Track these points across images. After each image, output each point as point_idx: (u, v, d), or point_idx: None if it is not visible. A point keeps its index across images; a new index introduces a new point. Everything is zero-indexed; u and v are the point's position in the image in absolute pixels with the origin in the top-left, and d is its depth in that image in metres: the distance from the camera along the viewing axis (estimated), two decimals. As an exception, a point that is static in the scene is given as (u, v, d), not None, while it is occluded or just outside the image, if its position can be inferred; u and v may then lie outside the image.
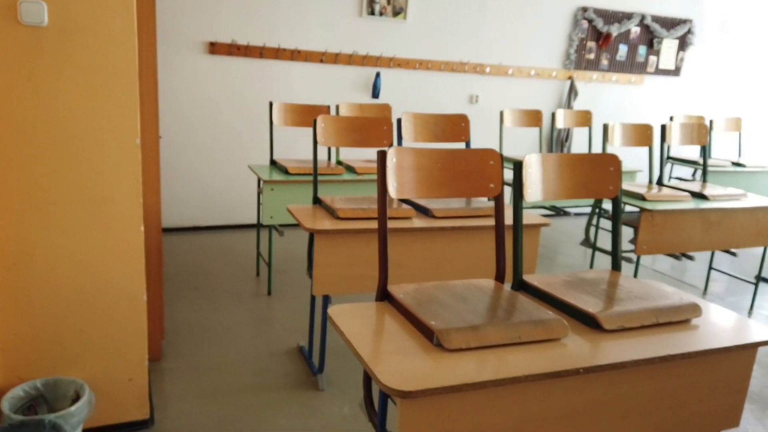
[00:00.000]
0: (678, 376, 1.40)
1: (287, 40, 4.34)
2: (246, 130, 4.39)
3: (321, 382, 2.33)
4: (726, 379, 1.47)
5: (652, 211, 2.85)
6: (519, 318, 1.35)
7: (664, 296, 1.54)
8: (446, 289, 1.51)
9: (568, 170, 1.68)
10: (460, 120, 2.81)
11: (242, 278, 3.44)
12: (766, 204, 3.09)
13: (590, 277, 1.70)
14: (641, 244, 2.88)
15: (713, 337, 1.42)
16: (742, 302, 3.52)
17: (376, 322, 1.37)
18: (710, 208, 2.97)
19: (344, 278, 2.24)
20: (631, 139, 3.31)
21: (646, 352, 1.31)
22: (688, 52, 5.61)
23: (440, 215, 2.36)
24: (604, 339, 1.37)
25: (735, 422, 1.53)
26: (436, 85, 4.88)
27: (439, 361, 1.20)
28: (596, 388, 1.30)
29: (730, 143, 4.99)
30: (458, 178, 1.60)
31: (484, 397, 1.18)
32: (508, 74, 5.04)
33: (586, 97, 5.35)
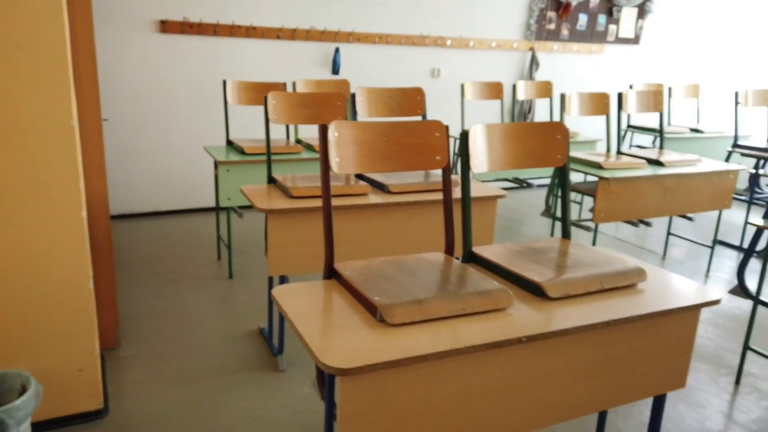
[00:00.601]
0: (623, 341, 1.41)
1: (241, 16, 4.22)
2: (201, 110, 4.28)
3: (281, 363, 2.31)
4: (671, 341, 1.49)
5: (609, 179, 2.87)
6: (465, 290, 1.34)
7: (611, 262, 1.55)
8: (395, 264, 1.49)
9: (514, 140, 1.66)
10: (416, 93, 2.78)
11: (203, 262, 3.38)
12: (720, 168, 3.14)
13: (540, 246, 1.70)
14: (599, 212, 2.91)
15: (657, 300, 1.43)
16: (699, 266, 3.60)
17: (321, 301, 1.35)
18: (666, 174, 3.01)
19: (301, 257, 2.21)
20: (589, 108, 3.32)
21: (589, 318, 1.31)
22: (647, 20, 5.64)
23: (396, 190, 2.34)
24: (550, 307, 1.37)
25: (681, 383, 1.56)
26: (397, 60, 4.82)
27: (382, 336, 1.18)
28: (541, 356, 1.31)
29: (689, 110, 5.06)
30: (404, 150, 1.57)
31: (427, 371, 1.18)
32: (469, 47, 5.01)
33: (547, 68, 5.35)
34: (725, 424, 2.06)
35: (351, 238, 2.27)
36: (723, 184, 3.19)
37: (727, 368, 2.42)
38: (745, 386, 2.30)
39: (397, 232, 2.35)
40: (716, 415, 2.11)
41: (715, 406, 2.16)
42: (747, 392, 2.26)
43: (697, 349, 2.57)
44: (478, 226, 2.45)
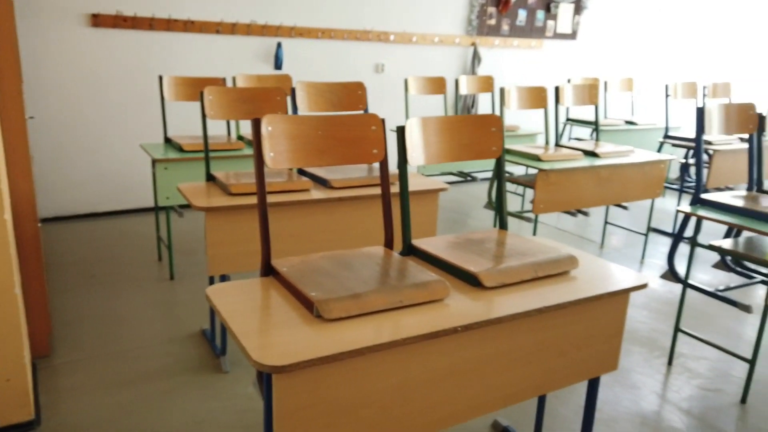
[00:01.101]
0: (557, 326, 1.45)
1: (179, 10, 4.10)
2: (137, 107, 4.14)
3: (224, 363, 2.27)
4: (602, 326, 1.54)
5: (548, 171, 2.95)
6: (402, 282, 1.35)
7: (545, 251, 1.59)
8: (333, 259, 1.48)
9: (450, 133, 1.68)
10: (357, 88, 2.77)
11: (143, 264, 3.27)
12: (652, 158, 3.28)
13: (477, 237, 1.72)
14: (538, 203, 2.98)
15: (588, 286, 1.48)
16: (635, 253, 3.75)
17: (257, 298, 1.33)
18: (601, 165, 3.12)
19: (242, 255, 2.17)
20: (527, 102, 3.40)
21: (523, 306, 1.34)
22: (583, 15, 5.81)
23: (338, 185, 2.33)
24: (486, 296, 1.39)
25: (613, 366, 1.62)
26: (341, 55, 4.80)
27: (319, 332, 1.17)
28: (477, 345, 1.33)
29: (624, 103, 5.25)
30: (340, 144, 1.56)
31: (364, 364, 1.18)
32: (412, 42, 5.03)
33: (489, 63, 5.44)
34: (659, 404, 2.15)
35: (293, 234, 2.25)
36: (655, 174, 3.33)
37: (661, 350, 2.53)
38: (676, 366, 2.41)
39: (340, 227, 2.34)
40: (650, 395, 2.21)
41: (649, 387, 2.26)
42: (679, 372, 2.37)
43: (632, 333, 2.67)
44: (421, 220, 2.47)
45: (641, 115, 5.06)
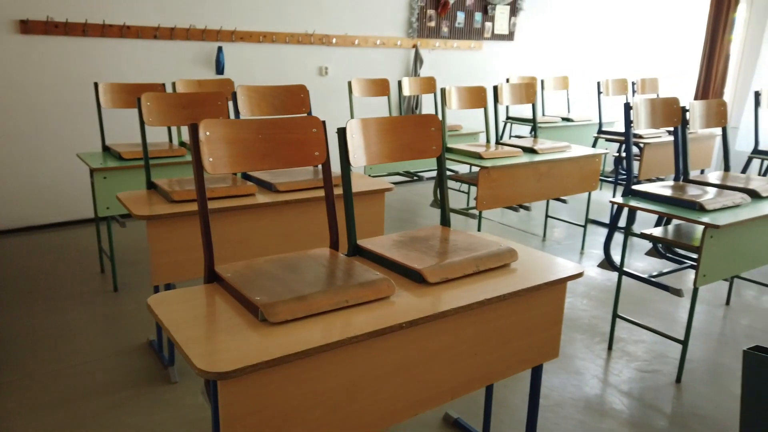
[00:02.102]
0: (499, 317, 1.51)
1: (113, 15, 3.99)
2: (74, 116, 4.00)
3: (173, 374, 2.23)
4: (542, 315, 1.61)
5: (489, 168, 3.03)
6: (348, 282, 1.37)
7: (486, 246, 1.65)
8: (278, 263, 1.49)
9: (390, 133, 1.71)
10: (300, 91, 2.77)
11: (85, 277, 3.16)
12: (587, 153, 3.42)
13: (421, 235, 1.76)
14: (481, 200, 3.06)
15: (527, 277, 1.54)
16: (575, 244, 3.90)
17: (201, 305, 1.32)
18: (539, 161, 3.23)
19: (186, 263, 2.14)
20: (467, 101, 3.48)
21: (465, 300, 1.39)
22: (519, 17, 5.99)
23: (284, 189, 2.33)
24: (430, 292, 1.43)
25: (555, 353, 1.69)
26: (283, 59, 4.77)
27: (265, 336, 1.18)
28: (423, 339, 1.36)
29: (561, 100, 5.44)
30: (281, 147, 1.57)
31: (311, 365, 1.19)
32: (354, 44, 5.06)
33: (431, 64, 5.53)
34: (601, 388, 2.25)
35: (240, 240, 2.23)
36: (590, 168, 3.47)
37: (601, 336, 2.65)
38: (616, 351, 2.53)
39: (288, 230, 2.34)
40: (593, 380, 2.30)
41: (591, 372, 2.36)
42: (618, 356, 2.49)
43: (574, 321, 2.78)
44: (368, 220, 2.49)
45: (577, 112, 5.26)
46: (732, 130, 4.88)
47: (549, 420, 2.03)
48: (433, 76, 4.70)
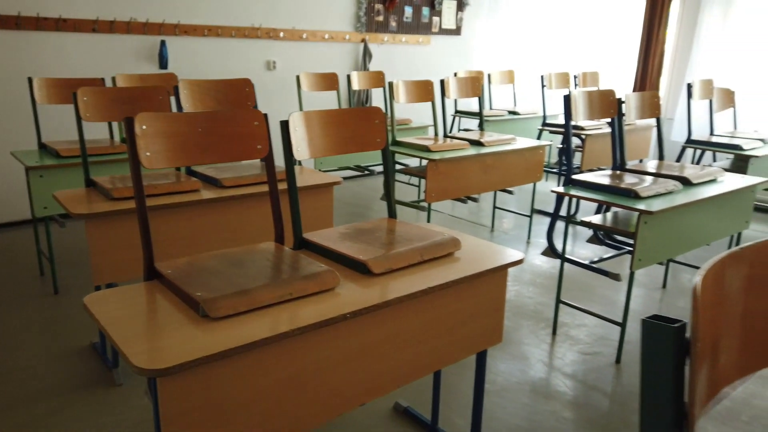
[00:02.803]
0: (443, 305, 1.54)
1: (48, 7, 3.82)
2: (7, 112, 3.82)
3: (117, 376, 2.17)
4: (485, 301, 1.65)
5: (437, 161, 3.07)
6: (292, 275, 1.37)
7: (430, 236, 1.67)
8: (221, 258, 1.47)
9: (334, 126, 1.72)
10: (245, 85, 2.73)
11: (23, 280, 3.04)
12: (531, 145, 3.50)
13: (367, 227, 1.78)
14: (430, 192, 3.10)
15: (470, 265, 1.57)
16: (522, 234, 4.00)
17: (141, 303, 1.29)
18: (486, 153, 3.29)
19: (129, 262, 2.09)
20: (415, 95, 3.51)
21: (410, 288, 1.41)
22: (466, 12, 6.08)
23: (230, 184, 2.30)
24: (375, 283, 1.44)
25: (498, 338, 1.73)
26: (230, 53, 4.69)
27: (206, 331, 1.17)
28: (369, 329, 1.38)
29: (508, 94, 5.54)
30: (222, 141, 1.55)
31: (255, 359, 1.18)
32: (302, 39, 5.02)
33: (380, 59, 5.54)
34: (546, 371, 2.33)
35: (184, 237, 2.19)
36: (535, 159, 3.56)
37: (546, 321, 2.73)
38: (560, 335, 2.62)
39: (235, 226, 2.31)
40: (538, 364, 2.38)
41: (536, 357, 2.43)
42: (562, 340, 2.57)
43: (521, 308, 2.86)
44: (317, 214, 2.49)
45: (523, 106, 5.38)
46: (668, 122, 5.10)
47: (496, 404, 2.08)
48: (383, 70, 4.71)
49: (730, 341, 0.58)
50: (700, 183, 2.52)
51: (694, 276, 0.51)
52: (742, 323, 0.59)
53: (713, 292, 0.54)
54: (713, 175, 2.60)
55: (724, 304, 0.57)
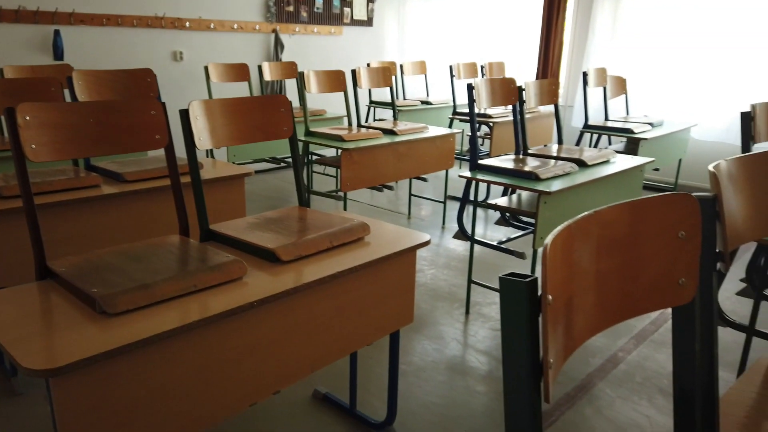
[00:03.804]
0: (354, 289, 1.56)
1: None
2: None
3: (17, 385, 2.04)
4: (395, 283, 1.69)
5: (351, 150, 3.09)
6: (197, 267, 1.34)
7: (340, 222, 1.69)
8: (120, 254, 1.42)
9: (237, 115, 1.69)
10: (146, 75, 2.62)
11: None
12: (442, 133, 3.60)
13: (276, 216, 1.77)
14: (345, 182, 3.12)
15: (379, 249, 1.61)
16: (438, 220, 4.11)
17: (33, 303, 1.23)
18: (399, 141, 3.35)
19: (23, 264, 1.96)
20: (327, 85, 3.51)
21: (319, 274, 1.42)
22: (377, 3, 6.12)
23: (133, 178, 2.21)
24: (284, 270, 1.44)
25: (410, 318, 1.78)
26: (132, 43, 4.47)
27: (104, 328, 1.12)
28: (278, 316, 1.38)
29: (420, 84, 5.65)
30: (117, 132, 1.49)
31: (157, 354, 1.16)
32: (210, 29, 4.87)
33: (292, 49, 5.48)
34: (461, 349, 2.42)
35: (85, 235, 2.08)
36: (446, 147, 3.66)
37: (459, 302, 2.83)
38: (473, 314, 2.72)
39: (140, 222, 2.22)
40: (452, 342, 2.46)
41: (451, 336, 2.52)
42: (474, 319, 2.68)
43: (436, 290, 2.95)
44: (228, 207, 2.44)
45: (435, 95, 5.50)
46: (569, 109, 5.40)
47: (413, 384, 2.14)
48: (295, 61, 4.66)
49: (584, 299, 0.63)
50: (594, 164, 2.70)
51: (547, 237, 0.56)
52: (596, 282, 0.65)
53: (565, 252, 0.59)
54: (606, 157, 2.78)
55: (578, 264, 0.62)
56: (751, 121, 1.74)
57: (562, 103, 5.49)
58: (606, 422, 1.94)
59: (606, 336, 2.51)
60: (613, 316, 0.67)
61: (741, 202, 0.90)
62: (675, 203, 0.70)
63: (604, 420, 1.95)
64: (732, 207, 0.86)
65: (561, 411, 1.99)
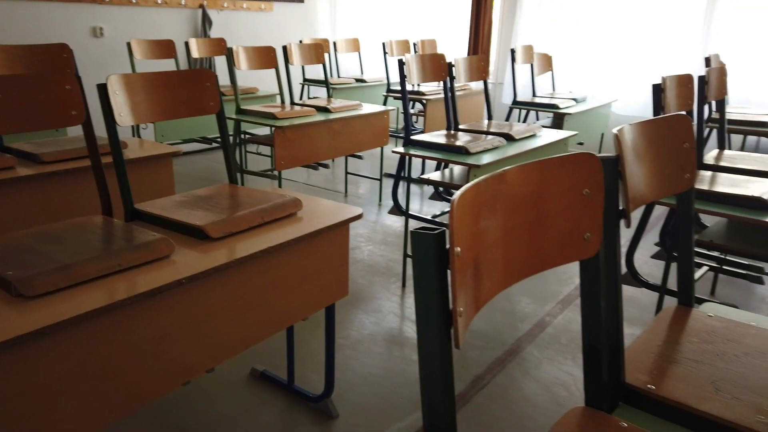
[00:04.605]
0: (287, 264, 1.56)
1: None
2: None
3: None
4: (328, 257, 1.70)
5: (284, 128, 3.06)
6: (121, 246, 1.30)
7: (271, 198, 1.68)
8: (39, 235, 1.36)
9: (160, 90, 1.64)
10: (61, 51, 2.48)
11: None
12: (376, 110, 3.61)
13: (206, 194, 1.74)
14: (279, 160, 3.09)
15: (311, 223, 1.61)
16: (374, 197, 4.14)
17: (-60, 289, 1.16)
18: (333, 119, 3.33)
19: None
20: (258, 62, 3.44)
21: (249, 250, 1.41)
22: (309, -21, 6.01)
23: (51, 159, 2.10)
24: (214, 248, 1.42)
25: (345, 292, 1.80)
26: (47, 19, 4.20)
27: (22, 311, 1.08)
28: (209, 294, 1.36)
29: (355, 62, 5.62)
30: (31, 108, 1.41)
31: (82, 336, 1.12)
32: (132, 3, 4.64)
33: (221, 26, 5.32)
34: (398, 321, 2.47)
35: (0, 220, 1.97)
36: (380, 124, 3.68)
37: (396, 276, 2.88)
38: (409, 287, 2.78)
39: (60, 204, 2.12)
40: (390, 315, 2.51)
41: (389, 309, 2.56)
42: (410, 292, 2.74)
43: (374, 266, 2.99)
44: (156, 187, 2.37)
45: (370, 73, 5.50)
46: (499, 86, 5.53)
47: (350, 357, 2.18)
48: (224, 37, 4.52)
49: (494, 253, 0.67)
50: (522, 138, 2.79)
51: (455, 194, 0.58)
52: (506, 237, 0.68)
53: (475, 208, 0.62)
54: (533, 131, 2.88)
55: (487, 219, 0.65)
56: (662, 93, 1.85)
57: (493, 80, 5.61)
58: (534, 382, 2.04)
59: (534, 302, 2.63)
60: (525, 269, 0.71)
61: (642, 164, 0.96)
62: (580, 163, 0.75)
63: (532, 380, 2.05)
64: (634, 168, 0.92)
65: (492, 375, 2.08)
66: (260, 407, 1.90)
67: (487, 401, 1.94)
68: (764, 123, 3.20)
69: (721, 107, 2.40)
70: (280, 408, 1.90)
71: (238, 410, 1.88)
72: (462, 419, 1.86)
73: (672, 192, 1.05)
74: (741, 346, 1.04)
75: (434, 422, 0.62)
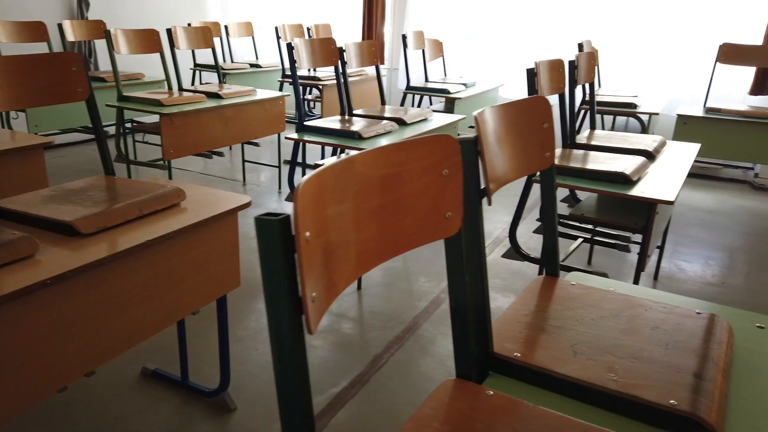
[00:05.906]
0: (171, 257, 1.50)
1: None
2: None
3: None
4: (217, 248, 1.65)
5: (171, 115, 2.92)
6: (-25, 247, 1.19)
7: (152, 189, 1.60)
8: None
9: (16, 75, 1.51)
10: None
11: None
12: (271, 96, 3.54)
13: (78, 186, 1.63)
14: (167, 149, 2.95)
15: (195, 213, 1.56)
16: (273, 185, 4.06)
17: None
18: (225, 105, 3.23)
19: None
20: (140, 46, 3.25)
21: (125, 245, 1.34)
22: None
23: None
24: (85, 244, 1.34)
25: (237, 282, 1.77)
26: None
27: None
28: (81, 293, 1.28)
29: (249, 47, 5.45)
30: None
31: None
32: (-6, -21, 4.21)
33: (101, 8, 4.96)
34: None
35: None
36: (276, 110, 3.61)
37: (295, 263, 2.86)
38: (309, 274, 2.77)
39: None
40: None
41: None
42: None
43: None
44: (25, 182, 2.19)
45: (265, 58, 5.37)
46: (394, 71, 5.59)
47: (249, 347, 2.14)
48: (104, 20, 4.22)
49: (351, 235, 0.68)
50: (413, 122, 2.85)
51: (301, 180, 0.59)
52: (364, 220, 0.70)
53: (325, 192, 0.63)
54: (425, 116, 2.95)
55: (342, 203, 0.66)
56: (535, 77, 1.95)
57: (388, 65, 5.67)
58: (430, 357, 2.12)
59: (430, 280, 2.71)
60: (387, 250, 0.73)
61: (504, 144, 1.01)
62: (437, 144, 0.77)
63: (428, 356, 2.13)
64: (495, 149, 0.97)
65: (391, 353, 2.13)
66: (154, 405, 1.83)
67: (385, 379, 1.99)
68: (631, 104, 3.48)
69: (591, 90, 2.58)
70: (175, 405, 1.84)
71: (131, 410, 1.80)
72: (361, 399, 1.89)
73: (534, 170, 1.12)
74: (598, 310, 1.13)
75: (289, 411, 0.62)
